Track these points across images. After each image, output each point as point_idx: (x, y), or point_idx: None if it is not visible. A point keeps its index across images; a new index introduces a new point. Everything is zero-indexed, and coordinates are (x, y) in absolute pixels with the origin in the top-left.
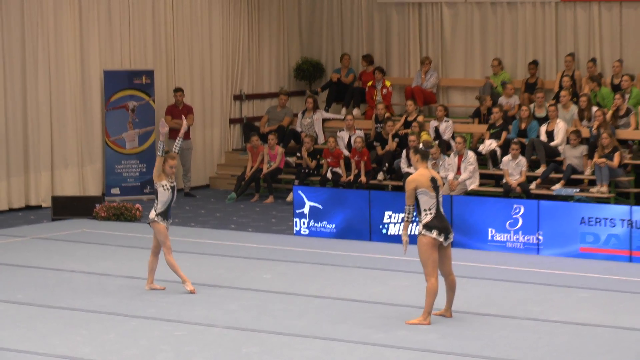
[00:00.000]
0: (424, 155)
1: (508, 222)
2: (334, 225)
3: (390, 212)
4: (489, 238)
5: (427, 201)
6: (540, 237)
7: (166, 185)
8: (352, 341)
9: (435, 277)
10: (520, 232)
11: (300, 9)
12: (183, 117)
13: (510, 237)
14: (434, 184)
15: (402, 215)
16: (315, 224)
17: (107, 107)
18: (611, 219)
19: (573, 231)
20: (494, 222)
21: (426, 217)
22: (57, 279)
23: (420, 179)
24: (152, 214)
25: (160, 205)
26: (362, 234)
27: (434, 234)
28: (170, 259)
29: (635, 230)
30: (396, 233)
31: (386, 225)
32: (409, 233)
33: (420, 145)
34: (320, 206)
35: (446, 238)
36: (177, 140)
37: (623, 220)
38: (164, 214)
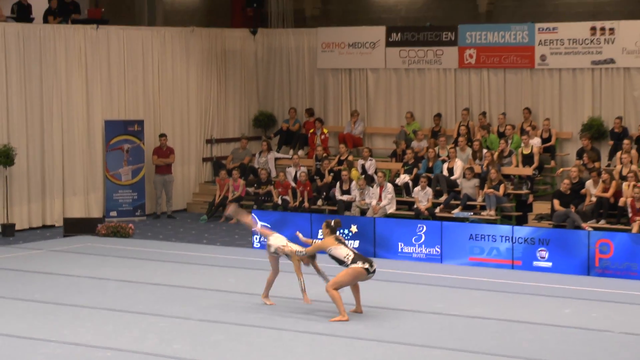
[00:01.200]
0: (333, 231)
1: (414, 238)
2: None
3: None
4: (399, 250)
5: (341, 252)
6: (438, 250)
7: (280, 254)
8: (298, 331)
9: (333, 291)
10: (423, 246)
11: (258, 73)
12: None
13: (415, 249)
14: (339, 241)
15: None
16: (265, 240)
17: (107, 148)
18: (493, 235)
19: (464, 245)
20: (403, 237)
21: (348, 260)
22: (66, 282)
23: (327, 243)
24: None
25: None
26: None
27: (359, 264)
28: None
29: (517, 244)
30: None
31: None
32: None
33: (332, 223)
34: (269, 225)
35: (371, 265)
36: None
37: (502, 236)
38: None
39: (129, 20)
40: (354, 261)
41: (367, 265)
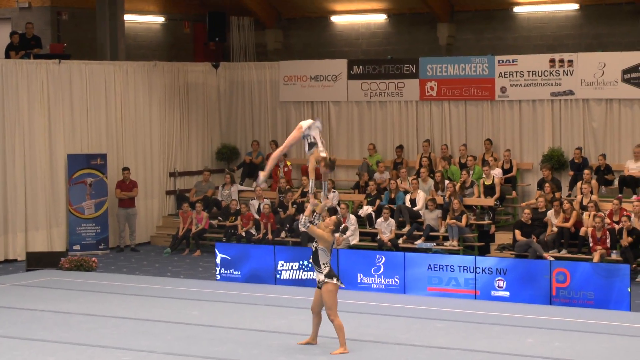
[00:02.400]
0: (336, 230)
1: (373, 269)
2: (239, 272)
3: (282, 262)
4: (358, 281)
5: (325, 257)
6: (397, 280)
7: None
8: None
9: (338, 316)
10: (382, 276)
11: (220, 106)
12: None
13: (374, 280)
14: (331, 247)
15: (291, 264)
16: (226, 272)
17: (70, 182)
18: (451, 266)
19: (422, 275)
20: (362, 268)
21: (325, 269)
22: (30, 317)
23: (327, 237)
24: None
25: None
26: (263, 279)
27: (334, 280)
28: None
29: (478, 274)
30: (288, 277)
31: (280, 272)
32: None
33: (342, 227)
34: (229, 257)
35: (339, 281)
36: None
37: (460, 266)
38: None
39: (91, 55)
40: (328, 275)
41: (340, 283)
